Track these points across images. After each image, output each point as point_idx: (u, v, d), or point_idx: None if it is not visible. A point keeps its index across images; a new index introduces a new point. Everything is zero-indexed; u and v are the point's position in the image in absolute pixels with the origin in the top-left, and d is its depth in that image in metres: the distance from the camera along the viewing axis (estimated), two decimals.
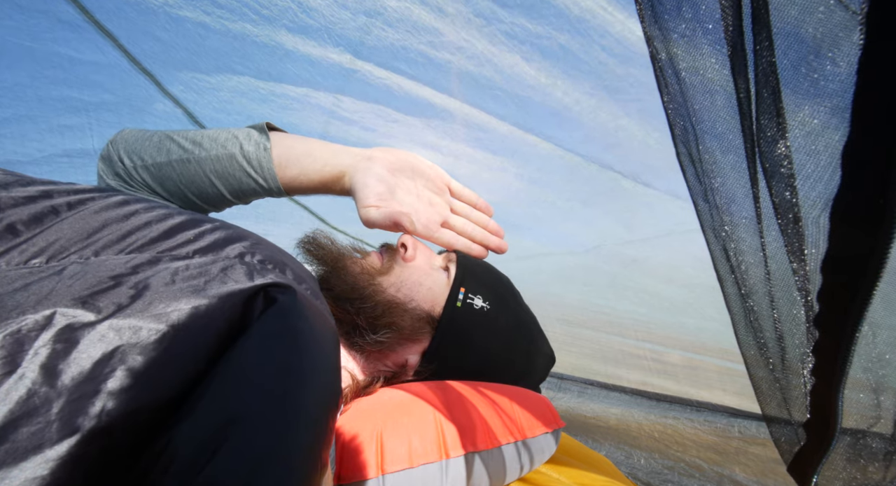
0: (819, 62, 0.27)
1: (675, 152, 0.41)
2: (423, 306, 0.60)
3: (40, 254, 0.29)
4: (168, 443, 0.23)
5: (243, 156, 0.58)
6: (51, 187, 0.35)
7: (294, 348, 0.29)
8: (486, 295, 0.63)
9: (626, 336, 1.59)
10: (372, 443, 0.47)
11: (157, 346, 0.25)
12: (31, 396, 0.21)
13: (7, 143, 1.24)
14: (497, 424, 0.54)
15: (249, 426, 0.24)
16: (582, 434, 1.54)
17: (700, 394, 1.43)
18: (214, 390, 0.25)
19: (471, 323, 0.61)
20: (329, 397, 0.31)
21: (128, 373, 0.23)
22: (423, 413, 0.51)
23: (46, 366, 0.22)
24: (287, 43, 1.03)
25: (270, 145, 0.58)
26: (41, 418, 0.20)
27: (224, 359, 0.26)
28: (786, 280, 0.37)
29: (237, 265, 0.32)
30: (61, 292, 0.25)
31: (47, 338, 0.23)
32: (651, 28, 0.35)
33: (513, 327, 0.65)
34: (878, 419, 0.40)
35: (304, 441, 0.26)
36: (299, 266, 0.41)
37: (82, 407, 0.21)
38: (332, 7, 0.94)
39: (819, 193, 0.28)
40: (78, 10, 1.02)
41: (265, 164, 0.58)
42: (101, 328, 0.24)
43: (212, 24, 1.01)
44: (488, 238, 0.62)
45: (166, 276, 0.29)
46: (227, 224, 0.40)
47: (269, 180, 0.58)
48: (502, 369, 0.64)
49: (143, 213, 0.35)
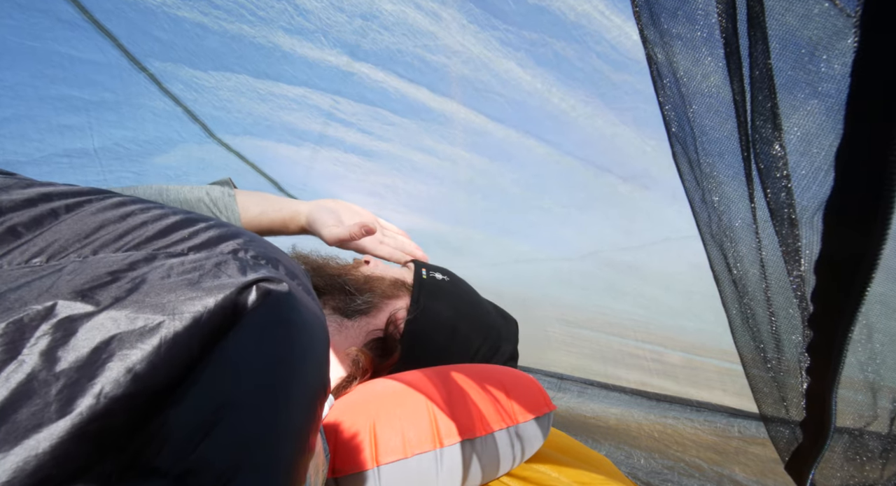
0: (814, 64, 0.27)
1: (672, 153, 0.41)
2: (396, 276, 0.74)
3: (40, 254, 0.30)
4: (163, 425, 0.24)
5: (210, 199, 0.71)
6: (49, 189, 0.36)
7: (285, 339, 0.30)
8: (444, 273, 0.78)
9: (625, 337, 1.59)
10: (366, 435, 0.48)
11: (152, 334, 0.25)
12: (30, 380, 0.22)
13: (7, 142, 1.24)
14: (490, 410, 0.55)
15: (241, 410, 0.25)
16: (582, 434, 1.54)
17: (700, 394, 1.42)
18: (208, 376, 0.26)
19: (439, 286, 0.73)
20: (317, 385, 0.32)
21: (124, 359, 0.24)
22: (415, 403, 0.52)
23: (46, 352, 0.23)
24: (284, 44, 1.04)
25: (234, 193, 0.73)
26: (40, 399, 0.21)
27: (218, 347, 0.27)
28: (782, 281, 0.38)
29: (230, 261, 0.33)
30: (61, 287, 0.26)
31: (47, 327, 0.24)
32: (647, 30, 0.35)
33: (473, 291, 0.79)
34: (874, 417, 0.40)
35: (293, 426, 0.28)
36: (292, 262, 0.42)
37: (80, 390, 0.22)
38: (327, 10, 0.94)
39: (813, 193, 0.28)
40: (77, 10, 1.02)
41: (230, 205, 0.72)
42: (99, 318, 0.25)
43: (210, 25, 1.01)
44: (415, 251, 0.82)
45: (162, 271, 0.30)
46: (222, 223, 0.41)
47: (232, 219, 0.71)
48: (477, 320, 0.74)
49: (139, 213, 0.36)
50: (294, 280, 0.37)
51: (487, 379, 0.59)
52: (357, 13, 0.94)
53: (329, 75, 1.11)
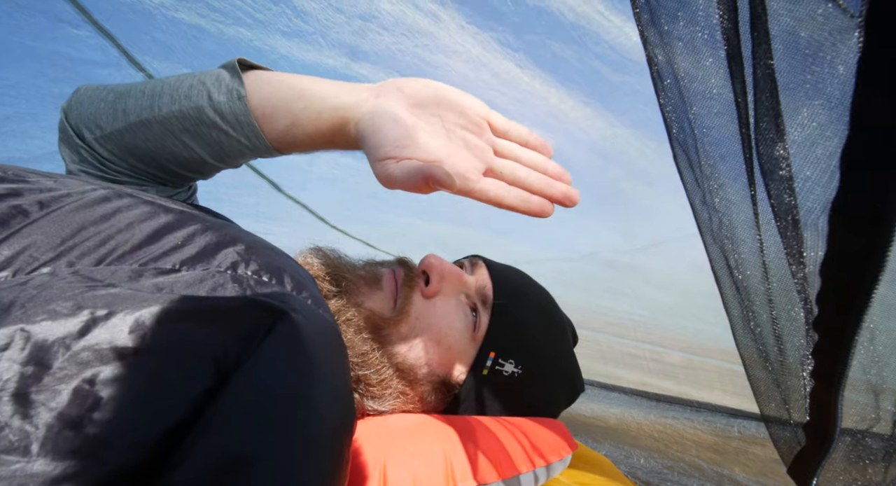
0: (817, 65, 0.27)
1: (672, 155, 0.40)
2: (439, 372, 0.51)
3: (6, 266, 0.25)
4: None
5: (214, 109, 0.46)
6: (20, 185, 0.30)
7: (304, 376, 0.26)
8: (520, 358, 0.53)
9: (625, 337, 1.59)
10: (375, 473, 0.44)
11: (143, 370, 0.21)
12: (1, 429, 0.18)
13: (9, 140, 1.25)
14: (510, 454, 0.50)
15: (261, 469, 0.22)
16: (582, 434, 1.54)
17: (700, 394, 1.42)
18: (217, 425, 0.22)
19: (497, 391, 0.52)
20: (343, 425, 0.28)
21: (114, 402, 0.20)
22: (430, 442, 0.48)
23: (17, 395, 0.19)
24: (281, 48, 1.04)
25: (246, 92, 0.46)
26: (19, 457, 0.18)
27: (226, 390, 0.23)
28: (785, 282, 0.37)
29: (228, 283, 0.28)
30: (27, 308, 0.22)
31: (13, 361, 0.20)
32: (648, 31, 0.35)
33: (546, 390, 0.56)
34: (876, 420, 0.40)
35: (321, 481, 0.24)
36: (298, 270, 0.37)
37: (66, 444, 0.18)
38: (326, 11, 0.94)
39: (818, 195, 0.28)
40: (77, 10, 1.02)
41: (242, 117, 0.46)
42: (75, 348, 0.21)
43: (207, 27, 1.02)
44: (550, 185, 0.43)
45: (150, 292, 0.25)
46: (219, 223, 0.36)
47: (251, 138, 0.47)
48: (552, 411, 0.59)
49: (124, 211, 0.31)
50: (303, 293, 0.33)
51: (510, 420, 0.55)
52: (356, 14, 0.94)
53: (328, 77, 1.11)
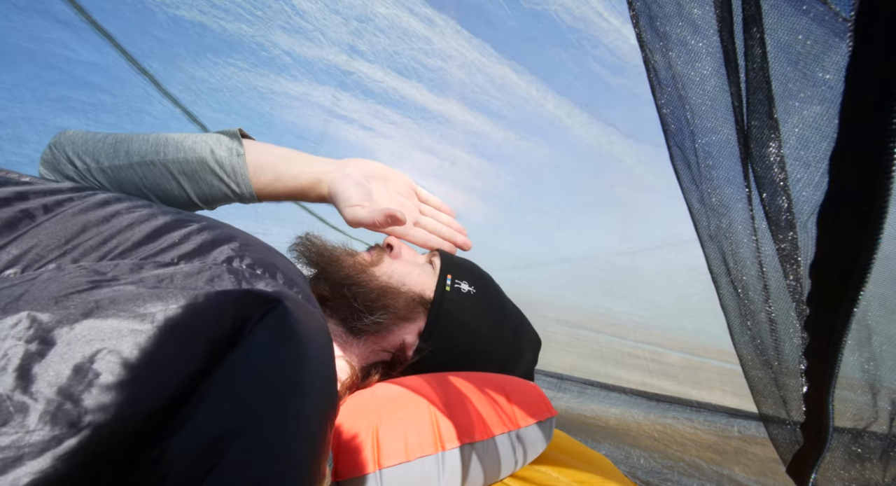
0: (810, 68, 0.27)
1: (669, 156, 0.41)
2: (415, 289, 0.64)
3: (15, 264, 0.27)
4: (162, 455, 0.21)
5: (215, 160, 0.58)
6: (26, 188, 0.32)
7: (294, 359, 0.28)
8: (472, 281, 0.68)
9: (625, 337, 1.59)
10: (368, 439, 0.48)
11: (142, 348, 0.23)
12: (2, 402, 0.19)
13: (4, 144, 1.24)
14: (491, 415, 0.55)
15: (251, 439, 0.23)
16: (582, 434, 1.54)
17: (700, 394, 1.43)
18: (211, 400, 0.23)
19: (460, 304, 0.64)
20: (328, 407, 0.30)
21: (113, 378, 0.21)
22: (417, 407, 0.52)
23: (20, 369, 0.20)
24: (283, 43, 1.04)
25: (244, 151, 0.59)
26: (18, 428, 0.19)
27: (219, 369, 0.25)
28: (780, 284, 0.38)
29: (224, 274, 0.30)
30: (35, 295, 0.23)
31: (19, 339, 0.21)
32: (645, 33, 0.35)
33: (499, 307, 0.70)
34: (874, 418, 0.40)
35: (306, 454, 0.26)
36: (290, 267, 0.39)
37: (64, 416, 0.19)
38: (323, 11, 0.94)
39: (808, 197, 0.28)
40: (75, 10, 1.02)
41: (238, 169, 0.59)
42: (79, 329, 0.22)
43: (209, 24, 1.01)
44: (455, 235, 0.70)
45: (150, 282, 0.27)
46: (215, 223, 0.38)
47: (241, 186, 0.59)
48: (493, 348, 0.67)
49: (124, 214, 0.33)
50: (294, 288, 0.35)
51: (489, 385, 0.59)
52: (352, 15, 0.95)
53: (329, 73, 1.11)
